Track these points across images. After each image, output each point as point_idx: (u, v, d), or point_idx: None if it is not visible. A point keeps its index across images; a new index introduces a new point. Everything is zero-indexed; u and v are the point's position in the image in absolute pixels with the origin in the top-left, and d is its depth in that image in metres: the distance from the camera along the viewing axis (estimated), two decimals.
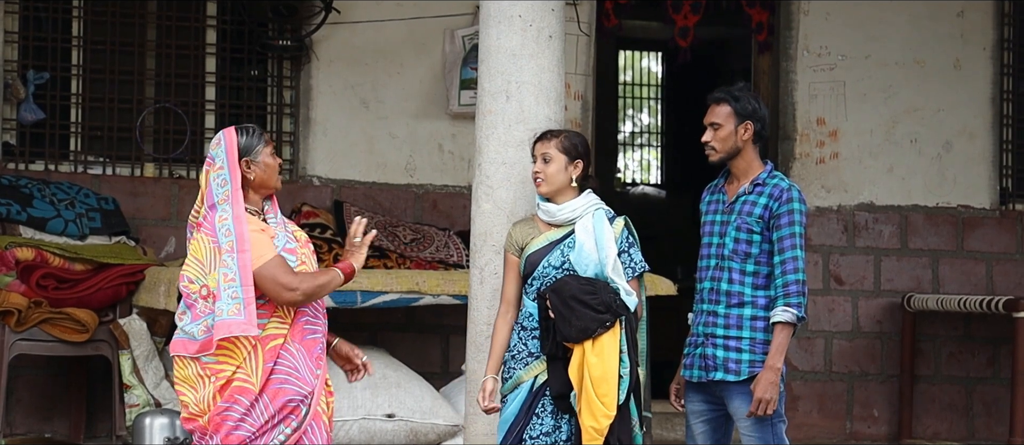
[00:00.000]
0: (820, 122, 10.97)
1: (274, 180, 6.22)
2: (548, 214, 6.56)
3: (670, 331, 8.39)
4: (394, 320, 9.98)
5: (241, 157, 6.14)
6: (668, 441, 10.32)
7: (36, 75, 9.84)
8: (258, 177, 6.18)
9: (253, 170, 6.16)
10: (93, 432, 9.63)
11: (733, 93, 6.50)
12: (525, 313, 6.54)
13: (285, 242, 6.14)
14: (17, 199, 9.23)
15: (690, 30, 10.86)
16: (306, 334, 6.13)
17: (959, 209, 11.22)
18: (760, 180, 6.51)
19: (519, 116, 6.95)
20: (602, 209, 6.61)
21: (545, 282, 6.48)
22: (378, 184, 10.31)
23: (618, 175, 16.38)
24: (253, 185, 6.19)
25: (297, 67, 10.28)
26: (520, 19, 6.99)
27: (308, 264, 6.19)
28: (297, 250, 6.17)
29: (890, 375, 11.06)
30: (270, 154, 6.21)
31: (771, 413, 6.36)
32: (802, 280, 6.36)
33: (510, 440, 6.48)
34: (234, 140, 6.14)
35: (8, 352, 8.93)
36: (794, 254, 6.37)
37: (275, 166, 6.21)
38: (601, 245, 6.50)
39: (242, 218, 6.02)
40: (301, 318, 6.12)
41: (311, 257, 6.24)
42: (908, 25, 11.10)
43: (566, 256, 6.49)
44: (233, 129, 6.18)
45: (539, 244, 6.52)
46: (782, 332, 6.34)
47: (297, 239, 6.23)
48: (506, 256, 6.62)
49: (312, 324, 6.15)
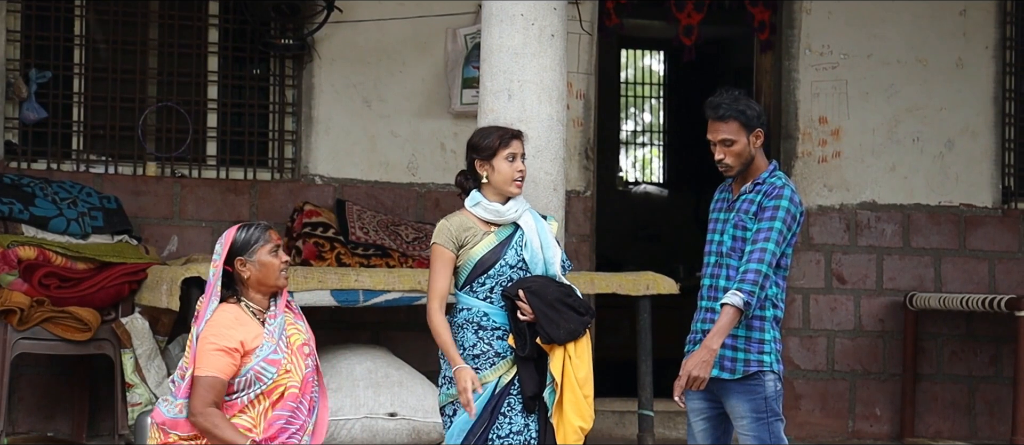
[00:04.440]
0: (822, 121, 10.96)
1: (274, 279, 6.23)
2: (496, 214, 6.53)
3: (673, 329, 8.38)
4: (397, 319, 9.98)
5: (236, 255, 6.18)
6: (670, 439, 10.33)
7: (38, 74, 9.84)
8: (254, 276, 6.21)
9: (248, 269, 6.19)
10: (95, 431, 9.63)
11: (737, 106, 6.47)
12: (479, 312, 6.49)
13: (271, 351, 6.15)
14: (19, 198, 9.23)
15: (695, 28, 10.87)
16: (280, 435, 6.18)
17: (961, 208, 11.22)
18: (760, 179, 6.51)
19: (521, 115, 6.96)
20: (531, 208, 6.64)
21: (500, 282, 6.47)
22: (380, 183, 10.31)
23: (620, 174, 16.40)
24: (250, 283, 6.22)
25: (299, 66, 10.28)
26: (522, 18, 6.99)
27: (294, 372, 6.19)
28: (281, 361, 6.16)
29: (892, 374, 11.06)
30: (270, 252, 6.21)
31: (699, 389, 6.34)
32: (763, 272, 6.32)
33: (473, 441, 6.44)
34: (230, 237, 6.21)
35: (10, 351, 8.93)
36: (764, 246, 6.34)
37: (276, 265, 6.21)
38: (546, 244, 6.56)
39: (202, 318, 6.10)
40: (277, 422, 6.18)
41: (301, 362, 6.24)
42: (910, 23, 11.10)
43: (520, 255, 6.50)
44: (235, 227, 6.24)
45: (490, 244, 6.51)
46: (726, 314, 6.31)
47: (291, 346, 6.22)
48: (440, 251, 6.49)
49: (290, 425, 6.20)
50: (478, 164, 6.53)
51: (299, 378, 6.22)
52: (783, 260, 6.45)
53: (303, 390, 6.24)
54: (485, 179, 6.52)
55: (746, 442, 6.48)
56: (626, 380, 10.20)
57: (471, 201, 6.55)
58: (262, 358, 6.14)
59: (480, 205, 6.52)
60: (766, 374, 6.45)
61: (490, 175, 6.51)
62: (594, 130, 10.70)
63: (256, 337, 6.18)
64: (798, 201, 6.47)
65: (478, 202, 6.52)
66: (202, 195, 10.05)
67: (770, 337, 6.48)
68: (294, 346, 6.26)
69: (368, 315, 9.79)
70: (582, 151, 10.61)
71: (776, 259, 6.39)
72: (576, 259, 10.29)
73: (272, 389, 6.18)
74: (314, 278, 8.78)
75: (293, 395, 6.21)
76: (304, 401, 6.25)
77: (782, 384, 6.52)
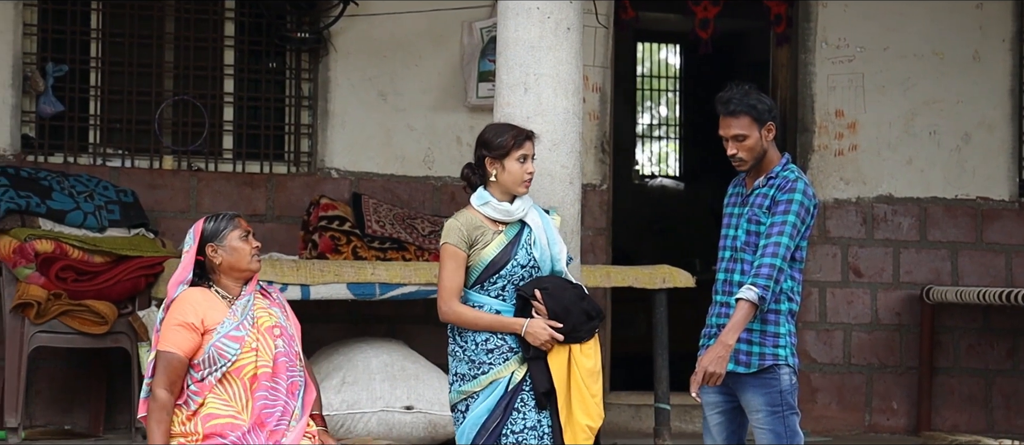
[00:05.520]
0: (839, 114, 10.95)
1: (245, 263, 6.43)
2: (506, 213, 6.53)
3: (689, 323, 8.38)
4: (413, 312, 9.99)
5: (206, 242, 6.40)
6: (686, 433, 10.33)
7: (55, 68, 9.86)
8: (225, 261, 6.41)
9: (219, 255, 6.40)
10: (112, 424, 9.65)
11: (748, 101, 6.47)
12: (491, 310, 6.48)
13: (232, 328, 6.30)
14: (36, 192, 9.25)
15: (711, 22, 10.87)
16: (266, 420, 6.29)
17: (978, 201, 11.20)
18: (773, 173, 6.51)
19: (537, 109, 6.95)
20: (536, 204, 6.65)
21: (512, 282, 6.47)
22: (396, 176, 10.32)
23: (636, 167, 16.39)
24: (222, 269, 6.41)
25: (315, 59, 10.28)
26: (538, 11, 6.98)
27: (262, 351, 6.31)
28: (245, 338, 6.30)
29: (909, 367, 11.04)
30: (240, 237, 6.41)
31: (716, 385, 6.35)
32: (778, 266, 6.32)
33: (485, 437, 6.43)
34: (200, 227, 6.43)
35: (28, 344, 8.95)
36: (778, 240, 6.34)
37: (246, 249, 6.42)
38: (552, 240, 6.57)
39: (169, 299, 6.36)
40: (256, 405, 6.29)
41: (269, 342, 6.35)
42: (927, 17, 11.08)
43: (531, 254, 6.50)
44: (204, 218, 6.46)
45: (500, 245, 6.50)
46: (741, 309, 6.31)
47: (257, 326, 6.36)
48: (453, 251, 6.47)
49: (269, 407, 6.30)
50: (488, 161, 6.52)
51: (269, 358, 6.29)
52: (798, 253, 6.44)
53: (275, 371, 6.32)
54: (493, 177, 6.51)
55: (762, 436, 6.48)
56: (642, 374, 10.20)
57: (479, 200, 6.52)
58: (223, 334, 6.27)
59: (489, 205, 6.50)
60: (781, 368, 6.45)
61: (499, 174, 6.50)
62: (610, 124, 10.70)
63: (220, 316, 6.32)
64: (812, 194, 6.46)
65: (487, 202, 6.50)
66: (219, 189, 10.06)
67: (785, 331, 6.47)
68: (261, 327, 6.38)
69: (384, 308, 9.80)
70: (598, 145, 10.61)
71: (790, 252, 6.38)
72: (592, 252, 10.29)
73: (240, 367, 6.26)
74: (330, 271, 8.80)
75: (266, 374, 6.29)
76: (279, 382, 6.32)
77: (797, 377, 6.52)
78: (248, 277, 6.45)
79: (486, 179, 6.53)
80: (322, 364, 8.93)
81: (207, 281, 6.44)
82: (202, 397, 6.25)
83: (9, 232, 9.05)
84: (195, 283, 6.42)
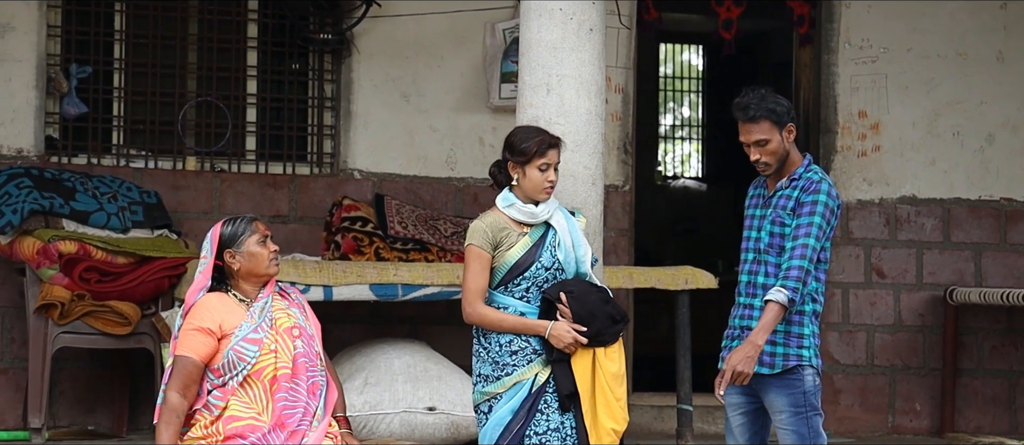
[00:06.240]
0: (862, 115, 10.93)
1: (264, 267, 6.41)
2: (530, 215, 6.53)
3: (712, 324, 8.38)
4: (435, 313, 9.99)
5: (225, 248, 6.38)
6: (709, 434, 10.31)
7: (79, 69, 9.89)
8: (243, 267, 6.39)
9: (237, 260, 6.38)
10: (136, 424, 9.68)
11: (766, 105, 6.46)
12: (515, 312, 6.49)
13: (250, 330, 6.29)
14: (60, 193, 9.28)
15: (734, 22, 10.86)
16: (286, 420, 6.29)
17: (1002, 202, 11.17)
18: (796, 175, 6.50)
19: (560, 110, 6.95)
20: (561, 206, 6.64)
21: (537, 284, 6.48)
22: (419, 177, 10.33)
23: (658, 168, 16.37)
24: (241, 274, 6.40)
25: (338, 60, 10.30)
26: (561, 12, 6.98)
27: (281, 352, 6.30)
28: (263, 341, 6.29)
29: (932, 368, 11.02)
30: (257, 242, 6.39)
31: (743, 384, 6.34)
32: (806, 268, 6.32)
33: (508, 439, 6.43)
34: (217, 232, 6.42)
35: (51, 345, 8.98)
36: (805, 242, 6.34)
37: (264, 254, 6.39)
38: (577, 243, 6.57)
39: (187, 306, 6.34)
40: (276, 406, 6.29)
41: (288, 343, 6.34)
42: (950, 17, 11.05)
43: (555, 256, 6.51)
44: (221, 222, 6.43)
45: (525, 247, 6.50)
46: (771, 311, 6.31)
47: (276, 327, 6.34)
48: (478, 252, 6.48)
49: (290, 408, 6.30)
50: (511, 165, 6.52)
51: (288, 359, 6.29)
52: (822, 254, 6.44)
53: (295, 372, 6.32)
54: (515, 181, 6.52)
55: (785, 437, 6.47)
56: (665, 375, 10.19)
57: (505, 202, 6.53)
58: (241, 337, 6.27)
59: (514, 207, 6.51)
60: (805, 369, 6.44)
61: (520, 179, 6.51)
62: (632, 124, 10.69)
63: (238, 320, 6.31)
64: (835, 194, 6.46)
65: (512, 204, 6.51)
66: (242, 190, 10.08)
67: (809, 332, 6.46)
68: (280, 328, 6.36)
69: (407, 309, 9.80)
70: (621, 145, 10.60)
71: (817, 254, 6.38)
72: (615, 253, 10.29)
73: (260, 370, 6.26)
74: (353, 273, 8.80)
75: (286, 375, 6.29)
76: (300, 383, 6.32)
77: (821, 379, 6.51)
78: (266, 281, 6.45)
79: (510, 181, 6.55)
80: (344, 365, 8.93)
81: (225, 286, 6.45)
82: (225, 401, 6.25)
83: (33, 233, 9.08)
84: (213, 288, 6.42)
